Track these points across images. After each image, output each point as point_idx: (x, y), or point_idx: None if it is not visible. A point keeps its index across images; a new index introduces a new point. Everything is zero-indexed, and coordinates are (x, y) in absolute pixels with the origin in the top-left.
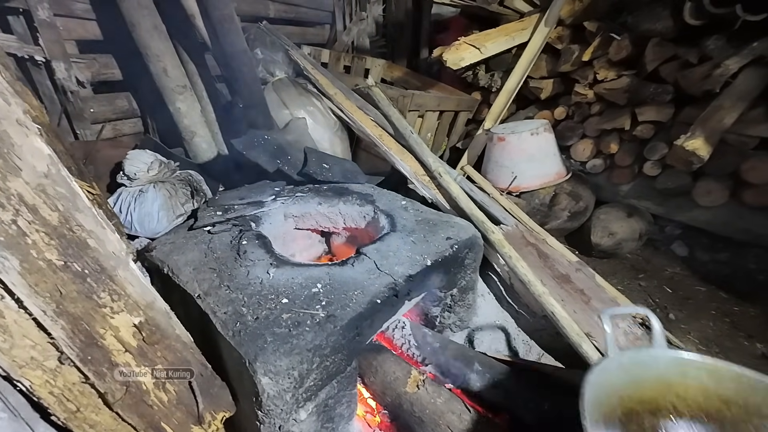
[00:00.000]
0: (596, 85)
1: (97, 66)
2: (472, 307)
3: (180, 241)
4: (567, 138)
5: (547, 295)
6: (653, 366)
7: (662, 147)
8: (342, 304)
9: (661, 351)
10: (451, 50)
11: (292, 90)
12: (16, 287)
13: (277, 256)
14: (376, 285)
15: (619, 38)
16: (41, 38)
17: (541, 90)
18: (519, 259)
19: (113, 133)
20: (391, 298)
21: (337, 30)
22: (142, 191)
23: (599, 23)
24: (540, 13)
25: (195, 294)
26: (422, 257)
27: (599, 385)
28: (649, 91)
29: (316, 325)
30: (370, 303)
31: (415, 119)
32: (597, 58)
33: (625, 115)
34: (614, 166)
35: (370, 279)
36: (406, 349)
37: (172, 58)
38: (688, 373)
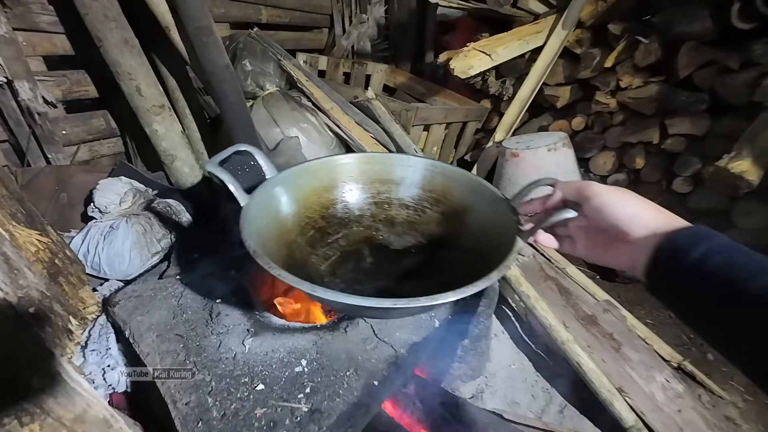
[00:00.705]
0: (619, 92)
1: (68, 83)
2: (485, 354)
3: (148, 293)
4: (586, 150)
5: (572, 343)
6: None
7: (695, 162)
8: (331, 391)
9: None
10: (459, 57)
11: (284, 105)
12: None
13: (256, 317)
14: (373, 360)
15: (647, 41)
16: (0, 56)
17: (558, 98)
18: (538, 299)
19: (90, 155)
20: (392, 376)
21: (336, 34)
22: (112, 227)
23: (624, 25)
24: (557, 14)
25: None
26: (429, 317)
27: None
28: (681, 100)
29: (296, 426)
30: (365, 387)
31: (420, 133)
32: (620, 63)
33: (652, 126)
34: (639, 182)
35: (366, 351)
36: (410, 413)
37: (147, 75)
38: None
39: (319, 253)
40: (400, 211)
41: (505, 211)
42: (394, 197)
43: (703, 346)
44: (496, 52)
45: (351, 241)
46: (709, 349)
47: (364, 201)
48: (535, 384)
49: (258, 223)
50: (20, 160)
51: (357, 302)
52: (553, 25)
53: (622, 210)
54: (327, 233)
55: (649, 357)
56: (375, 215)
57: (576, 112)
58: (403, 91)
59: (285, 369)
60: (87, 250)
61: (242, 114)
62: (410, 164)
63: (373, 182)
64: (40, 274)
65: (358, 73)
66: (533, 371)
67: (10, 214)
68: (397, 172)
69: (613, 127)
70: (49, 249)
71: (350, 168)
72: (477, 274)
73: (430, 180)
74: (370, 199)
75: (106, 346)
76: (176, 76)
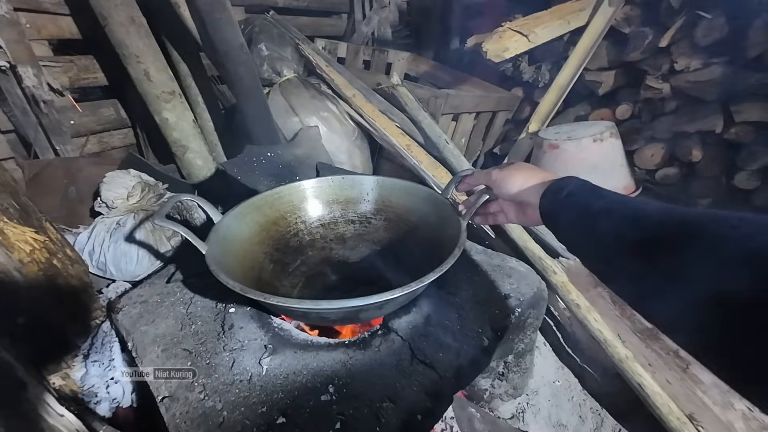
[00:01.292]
0: (674, 76)
1: (76, 69)
2: (528, 371)
3: (154, 299)
4: (631, 141)
5: (632, 361)
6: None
7: (764, 154)
8: (364, 429)
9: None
10: (493, 39)
11: (302, 92)
12: None
13: (275, 330)
14: (414, 388)
15: (710, 17)
16: (1, 39)
17: (600, 84)
18: (590, 309)
19: (100, 146)
20: (436, 408)
21: (356, 20)
22: (119, 224)
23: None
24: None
25: (158, 396)
26: (476, 333)
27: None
28: (751, 83)
29: None
30: (406, 425)
31: (448, 123)
32: (676, 43)
33: (714, 114)
34: (695, 176)
35: (404, 376)
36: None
37: (156, 58)
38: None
39: (285, 284)
40: (347, 227)
41: (443, 205)
42: (339, 216)
43: None
44: (535, 32)
45: (311, 265)
46: None
47: (311, 225)
48: (583, 404)
49: (225, 265)
50: (27, 152)
51: (317, 306)
52: (598, 2)
53: (512, 185)
54: (286, 263)
55: None
56: (325, 236)
57: (618, 100)
58: (426, 80)
59: (309, 397)
60: (92, 248)
61: (258, 100)
62: (347, 184)
63: (314, 207)
64: (34, 277)
65: (378, 61)
66: (580, 389)
67: (1, 209)
68: (341, 192)
69: (664, 116)
70: (47, 248)
71: (291, 198)
72: (434, 264)
73: (370, 193)
74: (316, 222)
75: (110, 356)
76: (188, 61)
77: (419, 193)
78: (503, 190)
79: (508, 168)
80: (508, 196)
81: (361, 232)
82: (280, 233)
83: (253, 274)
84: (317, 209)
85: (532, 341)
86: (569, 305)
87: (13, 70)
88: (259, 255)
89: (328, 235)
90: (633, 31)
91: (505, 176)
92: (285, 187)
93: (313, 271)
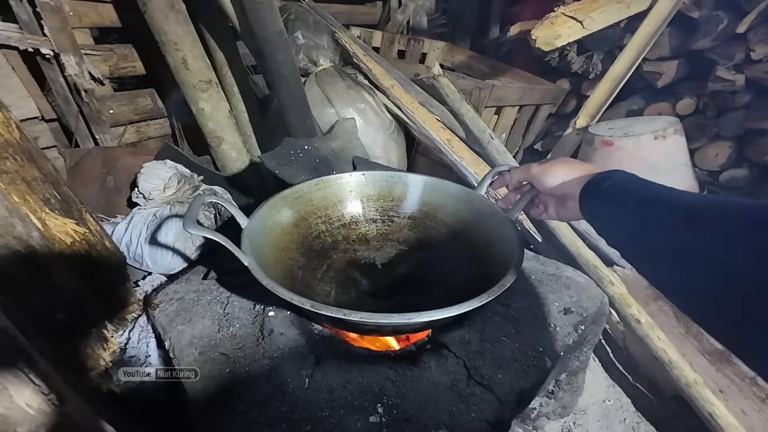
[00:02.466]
0: (750, 66)
1: (116, 58)
2: (579, 389)
3: (190, 296)
4: (693, 139)
5: (702, 387)
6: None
7: None
8: None
9: None
10: (544, 25)
11: (339, 82)
12: None
13: (316, 338)
14: (473, 415)
15: None
16: (46, 26)
17: (660, 75)
18: (653, 326)
19: (137, 136)
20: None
21: (391, 7)
22: (156, 216)
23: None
24: None
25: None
26: (537, 352)
27: None
28: None
29: None
30: None
31: (490, 117)
32: (754, 29)
33: None
34: (767, 179)
35: (461, 400)
36: None
37: (194, 45)
38: None
39: (319, 291)
40: (369, 227)
41: (478, 201)
42: (360, 215)
43: None
44: (591, 17)
45: (338, 270)
46: None
47: (332, 226)
48: (637, 427)
49: (269, 274)
50: (69, 141)
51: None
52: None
53: (554, 178)
54: (313, 269)
55: None
56: (347, 237)
57: (678, 93)
58: (462, 71)
59: (357, 417)
60: (130, 240)
61: (296, 90)
62: (366, 181)
63: (334, 205)
64: (73, 270)
65: (413, 51)
66: (633, 410)
67: (43, 199)
68: (356, 190)
69: (733, 111)
70: (87, 240)
71: (307, 197)
72: (477, 267)
73: (389, 191)
74: (336, 222)
75: (146, 352)
76: (224, 50)
77: (449, 189)
78: (545, 184)
79: (549, 162)
80: (549, 190)
81: (385, 232)
82: (302, 236)
83: (288, 283)
84: (344, 208)
85: (587, 359)
86: (628, 320)
87: (56, 59)
88: (287, 262)
89: (350, 235)
90: (704, 16)
91: (546, 169)
92: (299, 186)
93: (341, 276)
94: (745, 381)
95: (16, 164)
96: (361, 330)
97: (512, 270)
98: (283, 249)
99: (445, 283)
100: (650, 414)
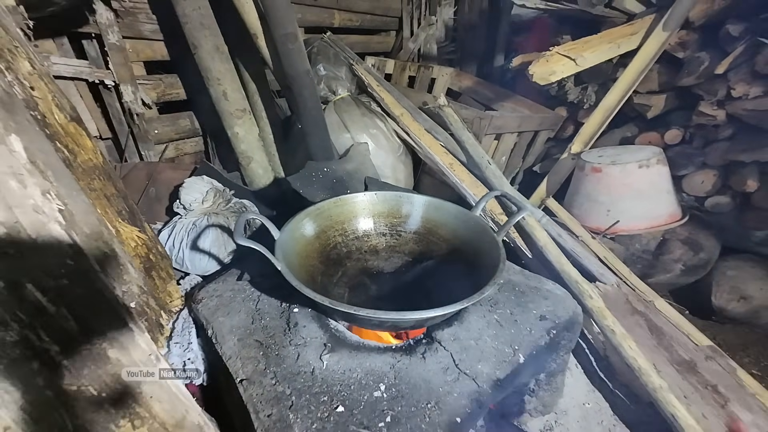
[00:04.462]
0: (731, 102)
1: (163, 86)
2: (559, 390)
3: (227, 294)
4: (680, 166)
5: (666, 392)
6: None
7: None
8: (413, 424)
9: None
10: (540, 62)
11: (354, 110)
12: (17, 424)
13: (332, 331)
14: (455, 395)
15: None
16: (111, 62)
17: (649, 107)
18: (626, 336)
19: (175, 152)
20: (474, 413)
21: (404, 36)
22: (195, 225)
23: (745, 24)
24: (657, 14)
25: (237, 378)
26: (512, 349)
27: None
28: None
29: None
30: (448, 425)
31: (490, 142)
32: (734, 69)
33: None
34: (749, 207)
35: (446, 383)
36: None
37: (233, 80)
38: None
39: (334, 294)
40: (379, 240)
41: (473, 221)
42: (371, 229)
43: None
44: (583, 56)
45: (351, 276)
46: None
47: (347, 238)
48: (613, 429)
49: (296, 277)
50: (119, 157)
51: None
52: (651, 26)
53: None
54: (330, 275)
55: (766, 420)
56: (360, 248)
57: (668, 124)
58: (468, 96)
59: (364, 392)
60: (172, 245)
61: (318, 119)
62: (377, 200)
63: (350, 220)
64: (138, 269)
65: (423, 77)
66: (611, 414)
67: (117, 211)
68: (369, 208)
69: (717, 142)
70: (146, 245)
71: (327, 213)
72: (468, 277)
73: (398, 210)
74: (351, 235)
75: (188, 340)
76: (256, 81)
77: (449, 209)
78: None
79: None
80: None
81: (393, 244)
82: (322, 246)
83: (310, 285)
84: (357, 223)
85: (565, 362)
86: (604, 331)
87: (116, 88)
88: (309, 268)
89: (362, 247)
90: (688, 56)
91: None
92: (320, 203)
93: (353, 281)
94: (708, 389)
95: (101, 183)
96: (368, 325)
97: (492, 282)
98: (306, 257)
99: (442, 290)
100: (626, 418)
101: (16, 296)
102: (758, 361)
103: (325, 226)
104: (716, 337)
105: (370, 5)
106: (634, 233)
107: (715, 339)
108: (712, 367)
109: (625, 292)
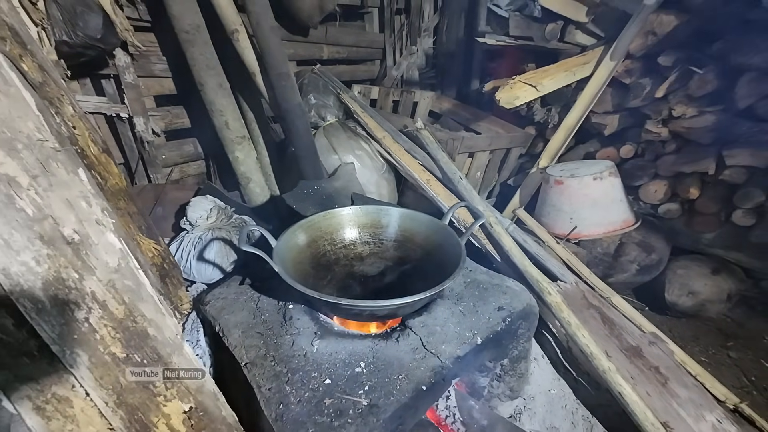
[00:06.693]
0: (672, 121)
1: (170, 117)
2: (524, 376)
3: (231, 296)
4: (636, 177)
5: (614, 373)
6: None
7: (758, 194)
8: (386, 391)
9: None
10: (505, 89)
11: (341, 134)
12: (85, 380)
13: (321, 323)
14: (421, 368)
15: (701, 72)
16: (126, 98)
17: (606, 126)
18: (579, 326)
19: (180, 174)
20: (438, 383)
21: (387, 65)
22: (200, 239)
23: (676, 56)
24: (605, 46)
25: (242, 362)
26: (472, 333)
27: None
28: (743, 130)
29: (358, 416)
30: (414, 391)
31: (464, 160)
32: (673, 93)
33: (708, 157)
34: (694, 212)
35: (415, 360)
36: (450, 423)
37: (233, 111)
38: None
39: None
40: (364, 248)
41: (443, 228)
42: (357, 238)
43: (767, 391)
44: (542, 83)
45: (338, 280)
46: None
47: (336, 247)
48: (576, 411)
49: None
50: (130, 180)
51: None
52: (600, 57)
53: None
54: (320, 278)
55: (698, 395)
56: (347, 255)
57: (625, 139)
58: (448, 117)
59: (347, 368)
60: (181, 257)
61: (309, 144)
62: (361, 213)
63: (337, 231)
64: (155, 276)
65: (406, 101)
66: (573, 398)
67: (138, 226)
68: (354, 220)
69: (665, 155)
70: (161, 255)
71: (317, 225)
72: (437, 275)
73: (378, 221)
74: (339, 244)
75: (197, 337)
76: (254, 111)
77: (422, 219)
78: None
79: None
80: None
81: (376, 251)
82: (313, 254)
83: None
84: (344, 233)
85: (526, 349)
86: (561, 322)
87: (129, 120)
88: (302, 273)
89: (349, 254)
90: (633, 82)
91: None
92: (313, 216)
93: (341, 284)
94: (651, 370)
95: (125, 203)
96: (350, 315)
97: (451, 276)
98: (299, 263)
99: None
100: (588, 402)
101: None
102: (706, 350)
103: (316, 236)
104: (672, 330)
105: (355, 38)
106: (594, 238)
107: (671, 332)
108: (655, 351)
109: (582, 290)
